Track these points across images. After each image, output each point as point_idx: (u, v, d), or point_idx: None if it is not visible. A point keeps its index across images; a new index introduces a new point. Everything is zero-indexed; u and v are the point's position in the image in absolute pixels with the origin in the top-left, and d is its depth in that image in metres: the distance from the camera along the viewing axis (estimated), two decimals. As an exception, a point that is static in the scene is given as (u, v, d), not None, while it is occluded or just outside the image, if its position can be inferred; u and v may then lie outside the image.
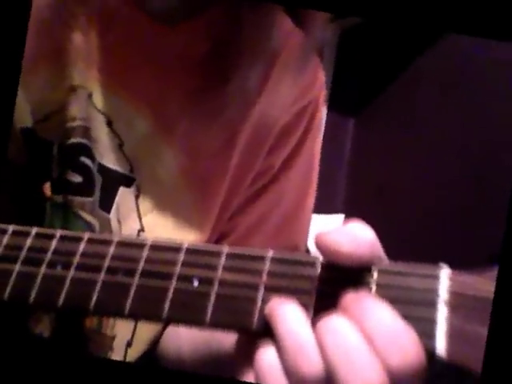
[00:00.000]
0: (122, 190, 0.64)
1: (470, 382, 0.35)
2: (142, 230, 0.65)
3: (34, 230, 0.48)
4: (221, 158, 0.68)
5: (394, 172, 2.00)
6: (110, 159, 0.64)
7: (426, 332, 0.34)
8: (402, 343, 0.33)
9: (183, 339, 0.64)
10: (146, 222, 0.65)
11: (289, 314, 0.36)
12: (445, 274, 0.36)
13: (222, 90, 0.64)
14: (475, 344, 0.34)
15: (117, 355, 0.66)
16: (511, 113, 1.59)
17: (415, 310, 0.35)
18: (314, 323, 0.36)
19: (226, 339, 0.47)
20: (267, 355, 0.36)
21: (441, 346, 0.34)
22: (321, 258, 0.40)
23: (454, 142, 1.81)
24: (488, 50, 1.72)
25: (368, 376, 0.33)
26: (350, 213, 2.03)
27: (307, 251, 0.83)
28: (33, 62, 0.61)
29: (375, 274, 0.37)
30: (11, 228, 0.49)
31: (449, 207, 1.76)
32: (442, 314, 0.35)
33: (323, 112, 0.77)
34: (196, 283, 0.41)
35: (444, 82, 1.90)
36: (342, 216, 2.00)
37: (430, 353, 0.34)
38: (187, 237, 0.66)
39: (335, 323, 0.35)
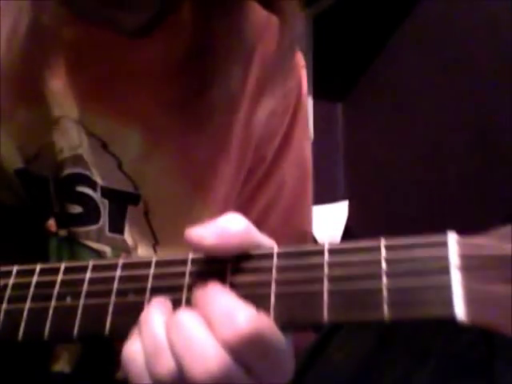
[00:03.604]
0: (130, 208, 0.64)
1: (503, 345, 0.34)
2: (157, 243, 0.65)
3: (39, 267, 0.48)
4: (219, 159, 0.67)
5: (391, 148, 1.99)
6: (111, 181, 0.63)
7: (443, 300, 0.34)
8: (233, 319, 0.37)
9: None
10: (159, 235, 0.65)
11: (150, 319, 0.40)
12: (452, 239, 0.36)
13: (206, 94, 0.64)
14: (500, 304, 0.33)
15: None
16: (500, 68, 1.58)
17: (429, 279, 0.35)
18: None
19: None
20: (133, 345, 0.40)
21: (460, 312, 0.33)
22: (327, 244, 0.40)
23: (448, 107, 1.80)
24: (463, 7, 1.71)
25: (207, 354, 0.37)
26: (353, 198, 2.02)
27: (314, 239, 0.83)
28: (10, 108, 0.61)
29: (383, 251, 0.37)
30: (15, 268, 0.48)
31: (453, 176, 1.75)
32: (456, 279, 0.34)
33: (308, 99, 0.76)
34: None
35: (426, 48, 1.89)
36: (345, 202, 1.99)
37: (451, 320, 0.33)
38: None
39: (179, 318, 0.39)
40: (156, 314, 0.40)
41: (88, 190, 0.62)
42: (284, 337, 0.39)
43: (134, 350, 0.40)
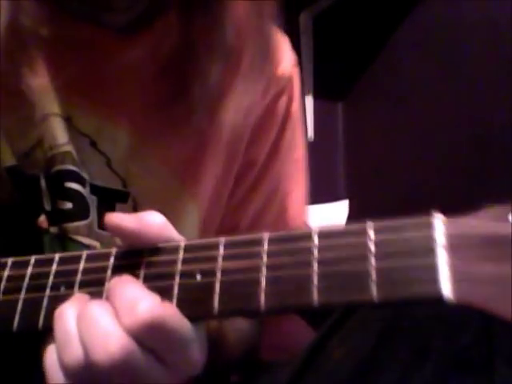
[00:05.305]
0: (118, 206, 0.64)
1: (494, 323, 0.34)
2: None
3: (33, 258, 0.48)
4: (206, 157, 0.68)
5: (391, 148, 2.00)
6: (100, 178, 0.64)
7: (430, 279, 0.34)
8: (135, 307, 0.39)
9: None
10: None
11: (63, 314, 0.42)
12: (438, 219, 0.36)
13: (191, 94, 0.64)
14: (490, 283, 0.33)
15: None
16: (500, 68, 1.58)
17: (416, 259, 0.35)
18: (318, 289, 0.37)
19: None
20: (51, 354, 0.42)
21: (447, 290, 0.33)
22: (316, 229, 0.40)
23: (448, 106, 1.80)
24: (463, 7, 1.72)
25: (109, 339, 0.38)
26: (353, 197, 2.02)
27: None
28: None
29: (371, 234, 0.37)
30: (10, 260, 0.49)
31: (454, 175, 1.75)
32: (442, 258, 0.34)
33: (308, 98, 0.76)
34: (199, 277, 0.41)
35: (426, 48, 1.89)
36: (345, 202, 1.99)
37: (437, 299, 0.34)
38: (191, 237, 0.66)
39: (88, 308, 0.41)
40: (69, 308, 0.42)
41: (77, 186, 0.63)
42: (194, 327, 0.41)
43: (50, 347, 0.42)
